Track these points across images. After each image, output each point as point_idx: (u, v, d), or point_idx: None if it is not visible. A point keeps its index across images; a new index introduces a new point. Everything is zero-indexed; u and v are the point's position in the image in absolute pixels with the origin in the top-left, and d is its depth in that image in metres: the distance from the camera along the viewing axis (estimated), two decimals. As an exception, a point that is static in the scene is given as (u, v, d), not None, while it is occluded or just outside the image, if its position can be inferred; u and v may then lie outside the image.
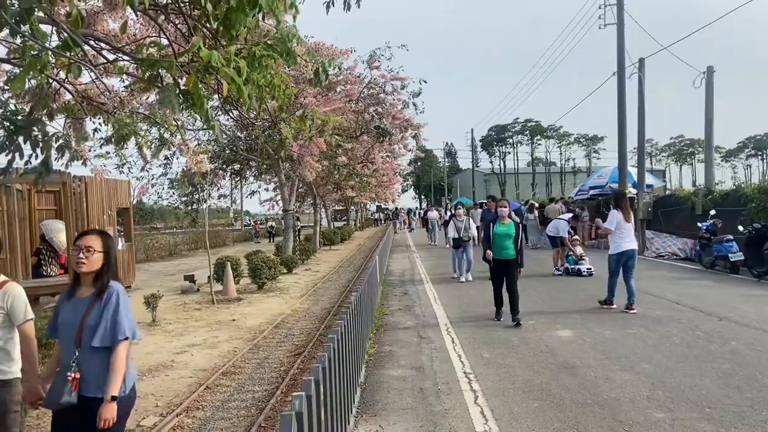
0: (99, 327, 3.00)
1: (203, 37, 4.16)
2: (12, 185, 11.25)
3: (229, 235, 41.83)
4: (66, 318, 3.11)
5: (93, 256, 3.08)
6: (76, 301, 3.11)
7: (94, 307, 3.05)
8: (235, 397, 5.90)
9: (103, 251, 3.12)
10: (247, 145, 18.23)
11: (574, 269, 13.31)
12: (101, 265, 3.11)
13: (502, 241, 8.40)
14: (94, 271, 3.10)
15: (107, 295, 3.06)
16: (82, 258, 3.06)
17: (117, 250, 3.23)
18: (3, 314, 3.35)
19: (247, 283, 14.42)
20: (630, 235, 9.00)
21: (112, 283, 3.12)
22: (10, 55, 5.37)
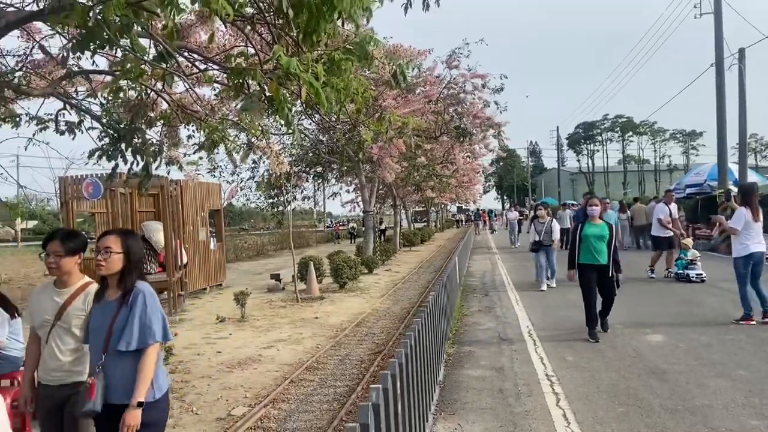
0: (126, 330, 2.86)
1: (286, 44, 4.36)
2: (116, 189, 12.12)
3: (313, 235, 42.92)
4: (95, 323, 2.99)
5: (111, 258, 2.93)
6: (105, 305, 3.00)
7: (121, 311, 2.91)
8: (318, 392, 6.09)
9: (123, 252, 2.97)
10: (328, 147, 18.68)
11: (682, 275, 11.94)
12: (123, 266, 2.96)
13: (593, 244, 7.39)
14: (115, 273, 2.97)
15: (133, 297, 2.92)
16: (100, 260, 2.93)
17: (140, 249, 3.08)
18: (84, 316, 3.29)
19: (330, 283, 14.77)
20: (759, 236, 7.92)
21: (138, 284, 2.97)
22: (112, 68, 5.83)
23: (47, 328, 3.29)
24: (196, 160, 9.56)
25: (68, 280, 3.34)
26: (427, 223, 48.61)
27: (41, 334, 3.34)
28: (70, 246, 3.28)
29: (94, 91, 6.62)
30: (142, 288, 2.95)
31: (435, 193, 29.37)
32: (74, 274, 3.36)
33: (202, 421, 5.33)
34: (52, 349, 3.27)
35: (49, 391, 3.27)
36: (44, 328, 3.31)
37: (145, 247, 13.61)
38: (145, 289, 2.96)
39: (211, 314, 11.04)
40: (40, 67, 6.34)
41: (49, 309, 3.30)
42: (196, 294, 14.09)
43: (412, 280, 16.24)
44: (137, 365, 2.85)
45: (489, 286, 12.94)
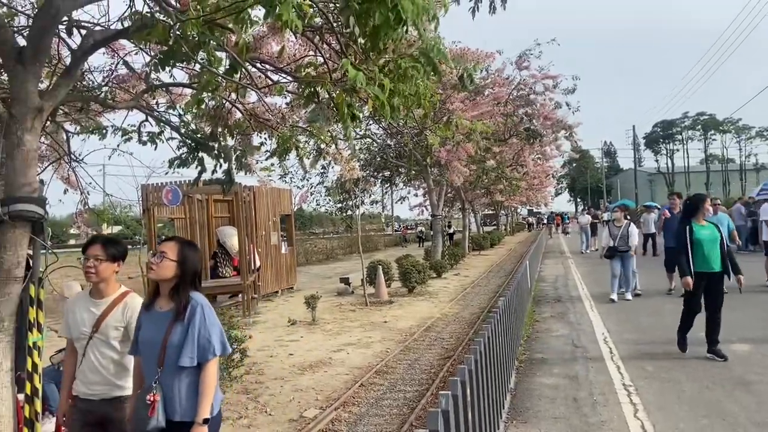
0: (186, 345, 2.73)
1: (354, 53, 4.42)
2: (193, 195, 12.67)
3: (381, 239, 43.21)
4: (146, 335, 2.85)
5: (164, 263, 2.80)
6: (156, 316, 2.85)
7: (177, 324, 2.76)
8: (388, 396, 6.12)
9: (177, 260, 2.82)
10: (396, 152, 18.77)
11: None
12: (174, 275, 2.82)
13: (707, 249, 6.48)
14: (165, 280, 2.83)
15: (190, 311, 2.78)
16: (152, 262, 2.83)
17: (197, 261, 2.91)
18: (122, 328, 3.17)
19: (398, 287, 14.81)
20: None
21: (194, 296, 2.82)
22: (191, 80, 6.09)
23: (84, 341, 3.16)
24: (268, 167, 9.83)
25: (105, 290, 3.21)
26: (497, 227, 47.92)
27: (78, 347, 3.22)
28: (111, 252, 3.17)
29: (173, 103, 6.95)
30: (200, 300, 2.81)
31: (504, 196, 28.93)
32: (111, 284, 3.24)
33: (276, 421, 5.47)
34: (92, 362, 3.14)
35: (89, 406, 3.14)
36: (81, 341, 3.18)
37: (220, 251, 14.12)
38: (203, 301, 2.82)
39: (283, 317, 11.31)
40: (124, 82, 6.72)
41: (86, 321, 3.18)
42: (268, 297, 14.48)
43: (482, 284, 16.04)
44: (195, 380, 2.76)
45: (562, 292, 12.61)
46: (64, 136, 7.33)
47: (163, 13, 3.60)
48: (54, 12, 4.11)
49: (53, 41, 4.97)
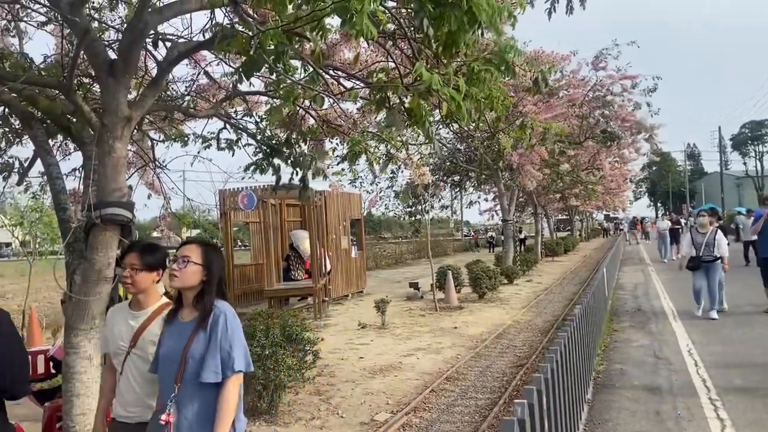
0: (206, 359, 2.43)
1: (426, 57, 4.42)
2: (267, 200, 13.03)
3: (450, 244, 42.93)
4: (166, 348, 2.56)
5: (187, 269, 2.52)
6: (179, 327, 2.57)
7: (199, 335, 2.48)
8: (459, 402, 6.06)
9: (202, 264, 2.54)
10: (466, 156, 18.61)
11: None
12: (200, 281, 2.54)
13: None
14: (189, 287, 2.54)
15: (213, 319, 2.48)
16: (174, 269, 2.53)
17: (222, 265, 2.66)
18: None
19: (468, 292, 14.65)
20: None
21: (218, 304, 2.53)
22: (267, 89, 6.28)
23: (122, 357, 2.87)
24: (339, 171, 9.98)
25: (145, 301, 2.93)
26: (571, 232, 46.55)
27: (116, 363, 2.92)
28: (148, 260, 2.90)
29: (250, 111, 7.20)
30: (224, 309, 2.52)
31: (579, 200, 28.09)
32: (151, 294, 2.96)
33: (348, 424, 5.52)
34: (128, 380, 2.85)
35: (126, 429, 2.86)
36: (119, 357, 2.89)
37: (293, 254, 14.45)
38: (227, 310, 2.53)
39: (353, 320, 11.42)
40: (205, 91, 7.02)
41: (125, 334, 2.90)
42: (338, 300, 14.67)
43: (556, 291, 15.62)
44: (215, 399, 2.44)
45: (642, 301, 12.09)
46: (149, 143, 7.73)
47: (242, 24, 3.73)
48: (142, 26, 4.34)
49: (140, 54, 5.25)
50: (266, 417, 5.61)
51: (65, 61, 5.58)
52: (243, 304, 13.88)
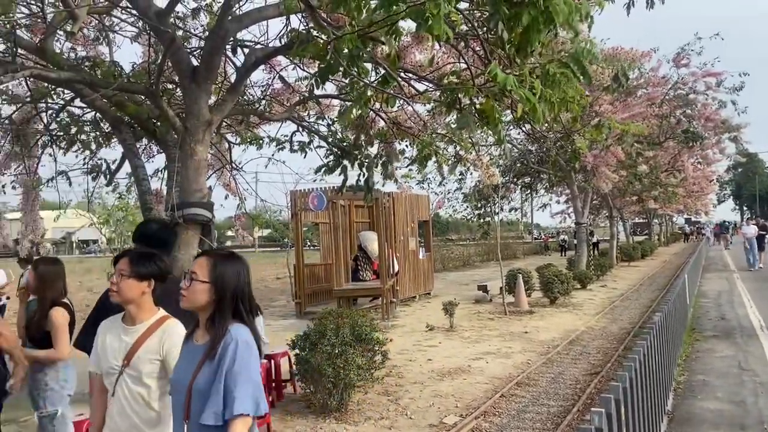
0: (211, 395, 2.08)
1: (499, 58, 4.37)
2: (337, 201, 13.24)
3: (520, 247, 42.12)
4: (176, 374, 2.25)
5: (194, 287, 2.16)
6: (192, 350, 2.22)
7: (207, 364, 2.11)
8: (530, 409, 5.94)
9: (209, 281, 2.16)
10: (537, 157, 18.23)
11: None
12: (209, 300, 2.17)
13: None
14: (199, 308, 2.19)
15: (222, 347, 2.09)
16: (182, 287, 2.20)
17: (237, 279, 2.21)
18: (158, 362, 2.54)
19: (539, 297, 14.33)
20: None
21: (232, 329, 2.13)
22: (340, 92, 6.39)
23: (114, 377, 2.54)
24: (407, 173, 9.99)
25: (137, 314, 2.59)
26: (649, 236, 44.66)
27: (108, 384, 2.58)
28: (139, 269, 2.57)
29: (322, 114, 7.34)
30: (236, 335, 2.11)
31: (658, 203, 26.90)
32: (144, 307, 2.60)
33: (416, 425, 5.53)
34: (122, 405, 2.50)
35: None
36: (111, 377, 2.55)
37: (361, 254, 14.60)
38: (240, 336, 2.11)
39: (421, 322, 11.41)
40: (279, 95, 7.22)
41: (117, 351, 2.55)
42: (405, 302, 14.69)
43: (632, 297, 15.04)
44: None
45: (726, 309, 11.45)
46: (226, 146, 8.03)
47: (318, 29, 3.82)
48: (223, 34, 4.52)
49: (221, 60, 5.47)
50: (336, 415, 5.69)
51: (151, 68, 5.89)
52: (313, 303, 14.15)
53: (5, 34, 4.80)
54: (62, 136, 6.78)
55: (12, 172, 6.79)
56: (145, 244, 3.40)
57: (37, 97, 6.20)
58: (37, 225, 6.91)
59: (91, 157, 7.02)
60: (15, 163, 6.64)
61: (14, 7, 5.01)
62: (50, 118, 6.62)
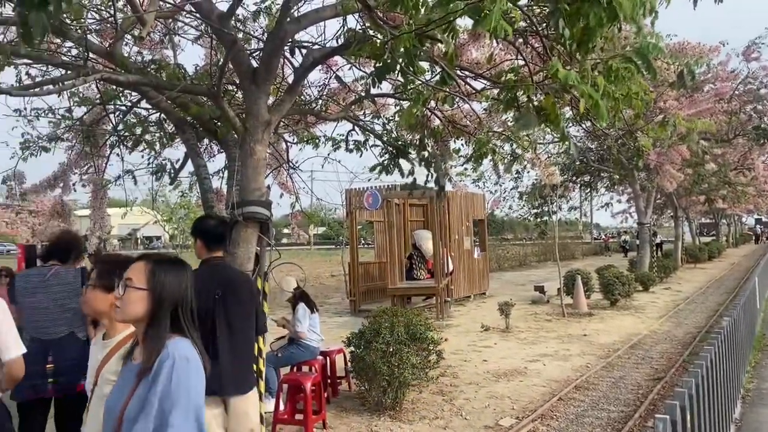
0: (138, 420, 1.76)
1: (558, 54, 4.26)
2: (391, 200, 13.27)
3: (578, 247, 41.10)
4: (111, 398, 1.93)
5: (128, 296, 1.87)
6: (130, 370, 1.91)
7: (141, 385, 1.79)
8: (589, 413, 5.79)
9: (148, 288, 1.87)
10: (598, 155, 17.72)
11: None
12: (146, 311, 1.86)
13: None
14: (135, 320, 1.89)
15: (158, 365, 1.77)
16: (117, 297, 1.92)
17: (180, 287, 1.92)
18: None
19: (598, 299, 13.95)
20: None
21: (171, 343, 1.82)
22: (396, 91, 6.40)
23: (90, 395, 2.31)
24: (462, 171, 9.92)
25: (109, 328, 2.36)
26: (716, 237, 42.74)
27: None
28: (105, 281, 2.36)
29: (378, 113, 7.37)
30: (174, 350, 1.79)
31: (727, 203, 25.68)
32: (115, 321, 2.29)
33: (471, 426, 5.48)
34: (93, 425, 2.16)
35: None
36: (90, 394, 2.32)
37: (416, 253, 14.58)
38: (179, 351, 1.80)
39: (476, 322, 11.30)
40: (335, 95, 7.28)
41: (92, 369, 2.33)
42: (460, 301, 14.59)
43: (698, 301, 14.44)
44: None
45: (800, 315, 10.83)
46: (284, 145, 8.17)
47: (374, 28, 3.83)
48: (282, 35, 4.59)
49: (279, 61, 5.56)
50: (390, 413, 5.71)
51: (213, 70, 6.05)
52: (367, 301, 14.24)
53: (77, 40, 5.03)
54: (129, 136, 7.05)
55: (82, 171, 7.11)
56: (203, 239, 3.56)
57: (106, 100, 6.47)
58: (105, 222, 7.20)
59: (156, 157, 7.28)
60: (85, 163, 6.94)
61: (86, 13, 5.26)
62: (118, 119, 6.90)
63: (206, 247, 3.62)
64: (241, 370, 3.50)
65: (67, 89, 5.74)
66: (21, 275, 3.62)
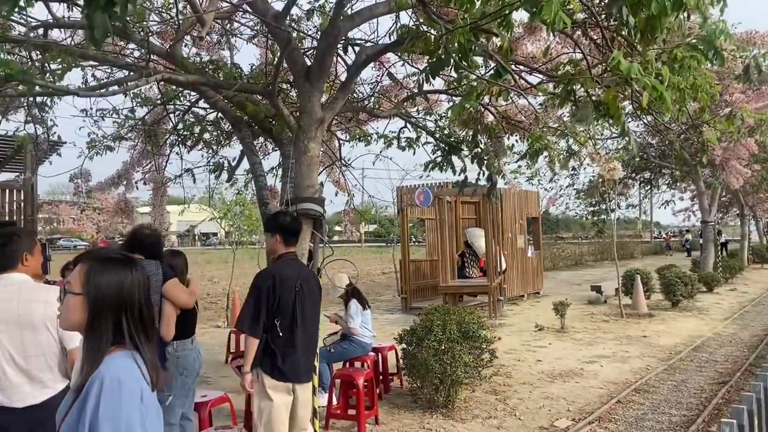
0: None
1: (619, 45, 4.13)
2: (443, 197, 13.19)
3: (637, 246, 39.82)
4: (60, 408, 1.67)
5: (67, 302, 1.65)
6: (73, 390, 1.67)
7: (74, 406, 1.56)
8: (650, 417, 5.59)
9: (82, 293, 1.63)
10: (659, 151, 17.11)
11: None
12: (83, 318, 1.62)
13: None
14: (78, 328, 1.65)
15: (87, 388, 1.53)
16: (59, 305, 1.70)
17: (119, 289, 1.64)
18: None
19: (659, 299, 13.48)
20: None
21: (105, 362, 1.57)
22: (449, 87, 6.35)
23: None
24: (516, 168, 9.75)
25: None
26: (786, 236, 40.58)
27: None
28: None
29: (431, 109, 7.33)
30: (105, 370, 1.54)
31: (800, 201, 24.35)
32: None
33: (526, 427, 5.39)
34: None
35: None
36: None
37: (468, 251, 14.45)
38: (110, 370, 1.54)
39: (529, 321, 11.12)
40: (387, 92, 7.29)
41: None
42: (513, 300, 14.38)
43: (765, 302, 13.76)
44: None
45: None
46: (336, 143, 8.24)
47: (427, 24, 3.80)
48: (336, 33, 4.63)
49: (333, 59, 5.61)
50: (443, 411, 5.68)
51: (268, 69, 6.15)
52: (418, 299, 14.22)
53: (140, 41, 5.21)
54: (188, 135, 7.25)
55: (144, 170, 7.36)
56: (282, 235, 3.74)
57: (167, 100, 6.68)
58: (165, 219, 7.43)
59: (213, 155, 7.46)
60: (146, 161, 7.18)
61: (148, 15, 5.43)
62: (177, 118, 7.11)
63: (284, 242, 3.79)
64: (310, 360, 3.81)
65: (130, 90, 5.95)
66: None
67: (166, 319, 3.77)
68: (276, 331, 3.58)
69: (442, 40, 2.75)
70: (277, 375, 3.58)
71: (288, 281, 3.62)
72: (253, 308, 3.56)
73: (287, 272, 3.66)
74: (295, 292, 3.62)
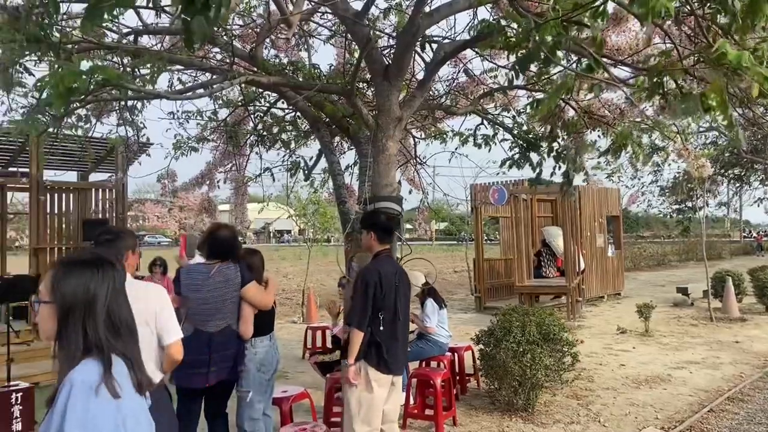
0: None
1: (714, 34, 3.87)
2: (519, 195, 12.90)
3: (726, 246, 37.58)
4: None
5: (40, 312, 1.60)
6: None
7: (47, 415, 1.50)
8: (745, 427, 5.24)
9: (52, 301, 1.58)
10: (751, 146, 16.07)
11: None
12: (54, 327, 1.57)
13: None
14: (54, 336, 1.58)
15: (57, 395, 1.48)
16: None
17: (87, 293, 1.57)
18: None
19: (752, 303, 12.66)
20: None
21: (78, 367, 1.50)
22: (528, 82, 6.18)
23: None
24: (597, 165, 9.37)
25: None
26: None
27: None
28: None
29: (508, 105, 7.17)
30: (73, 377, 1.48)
31: None
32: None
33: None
34: None
35: None
36: None
37: (545, 250, 14.08)
38: (77, 377, 1.48)
39: (610, 324, 10.70)
40: (463, 89, 7.19)
41: None
42: (592, 302, 13.89)
43: None
44: None
45: None
46: (411, 141, 8.22)
47: (510, 18, 3.70)
48: (414, 30, 4.60)
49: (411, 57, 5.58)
50: (522, 414, 5.54)
51: (346, 68, 6.20)
52: (492, 299, 14.00)
53: (224, 45, 5.37)
54: (267, 135, 7.43)
55: (226, 169, 7.60)
56: (377, 233, 3.87)
57: (247, 101, 6.87)
58: (245, 217, 7.65)
59: (290, 155, 7.61)
60: (228, 161, 7.41)
61: (231, 19, 5.59)
62: (257, 119, 7.30)
63: (379, 240, 3.89)
64: (406, 351, 4.14)
65: (216, 92, 6.15)
66: (185, 271, 3.86)
67: (245, 318, 3.88)
68: (379, 324, 3.71)
69: (532, 34, 2.66)
70: (382, 367, 3.72)
71: (388, 277, 3.77)
72: (363, 303, 3.69)
73: (387, 268, 3.81)
74: (395, 287, 3.78)
